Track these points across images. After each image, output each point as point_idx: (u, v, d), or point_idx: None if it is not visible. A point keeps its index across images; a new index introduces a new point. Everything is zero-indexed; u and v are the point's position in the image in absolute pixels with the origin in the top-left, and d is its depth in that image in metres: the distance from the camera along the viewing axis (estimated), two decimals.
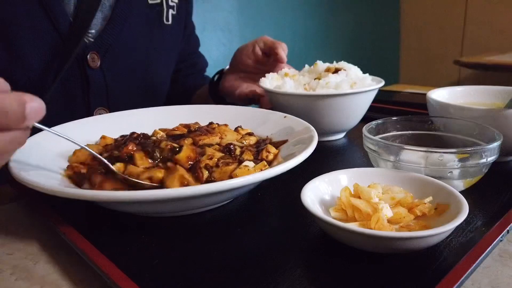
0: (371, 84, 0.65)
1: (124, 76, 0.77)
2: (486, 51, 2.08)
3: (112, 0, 0.72)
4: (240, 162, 0.45)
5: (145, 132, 0.57)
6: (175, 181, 0.41)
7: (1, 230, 0.44)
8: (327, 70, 0.68)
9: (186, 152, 0.44)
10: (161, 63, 0.84)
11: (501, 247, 0.38)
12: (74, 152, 0.49)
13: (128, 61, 0.77)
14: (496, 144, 0.44)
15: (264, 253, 0.37)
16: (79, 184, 0.43)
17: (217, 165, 0.44)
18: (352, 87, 0.63)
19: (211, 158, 0.45)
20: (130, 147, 0.45)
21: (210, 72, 0.95)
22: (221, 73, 0.87)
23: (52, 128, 0.53)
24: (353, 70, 0.68)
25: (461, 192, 0.44)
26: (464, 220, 0.33)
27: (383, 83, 0.66)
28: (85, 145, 0.51)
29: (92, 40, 0.71)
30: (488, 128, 0.48)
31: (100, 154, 0.47)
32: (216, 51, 1.62)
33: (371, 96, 0.66)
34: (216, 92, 0.86)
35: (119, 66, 0.75)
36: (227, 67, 0.86)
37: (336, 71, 0.67)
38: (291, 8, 1.98)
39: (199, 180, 0.42)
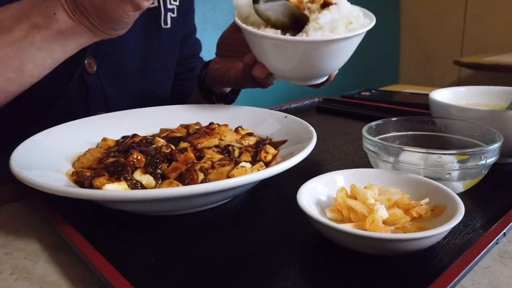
0: (364, 24, 0.55)
1: (121, 81, 0.77)
2: (486, 51, 2.08)
3: None
4: (237, 163, 0.45)
5: (145, 132, 0.57)
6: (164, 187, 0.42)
7: (1, 230, 0.44)
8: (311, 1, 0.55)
9: (173, 166, 0.45)
10: (159, 67, 0.83)
11: (501, 247, 0.38)
12: (78, 158, 0.49)
13: (124, 65, 0.76)
14: (496, 146, 0.44)
15: (260, 252, 0.37)
16: (81, 184, 0.43)
17: (212, 167, 0.44)
18: (348, 27, 0.53)
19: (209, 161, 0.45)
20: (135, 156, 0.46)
21: None
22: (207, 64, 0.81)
23: (52, 128, 0.54)
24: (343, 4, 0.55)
25: (461, 193, 0.45)
26: (462, 222, 0.33)
27: (374, 22, 0.56)
28: (87, 150, 0.51)
29: None
30: (489, 129, 0.48)
31: (103, 158, 0.47)
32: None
33: (361, 37, 0.56)
34: (205, 85, 0.79)
35: (115, 71, 0.75)
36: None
37: (326, 4, 0.54)
38: None
39: (194, 183, 0.42)
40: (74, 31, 0.50)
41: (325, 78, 0.62)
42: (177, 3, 0.81)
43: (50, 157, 0.47)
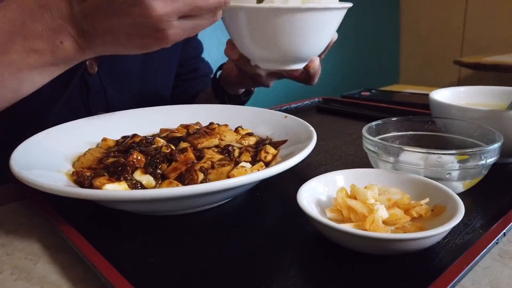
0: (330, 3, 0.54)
1: (122, 81, 0.77)
2: (486, 51, 2.08)
3: None
4: (237, 163, 0.45)
5: (145, 132, 0.57)
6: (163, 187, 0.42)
7: (1, 230, 0.44)
8: None
9: (173, 166, 0.44)
10: (160, 68, 0.83)
11: (501, 247, 0.38)
12: (78, 158, 0.49)
13: (125, 66, 0.76)
14: (496, 146, 0.44)
15: (260, 252, 0.37)
16: (81, 184, 0.43)
17: (212, 167, 0.44)
18: (303, 3, 0.53)
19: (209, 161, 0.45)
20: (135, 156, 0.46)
21: None
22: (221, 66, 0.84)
23: (52, 128, 0.54)
24: None
25: (461, 193, 0.45)
26: (462, 222, 0.33)
27: (348, 5, 0.55)
28: (87, 150, 0.51)
29: None
30: (489, 129, 0.48)
31: (103, 158, 0.47)
32: (216, 51, 1.62)
33: (329, 18, 0.55)
34: (219, 86, 0.81)
35: (116, 72, 0.75)
36: None
37: None
38: None
39: (193, 183, 0.42)
40: (81, 56, 0.48)
41: (300, 65, 0.61)
42: None
43: (50, 157, 0.47)
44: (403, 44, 2.63)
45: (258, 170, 0.44)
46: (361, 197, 0.38)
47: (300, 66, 0.61)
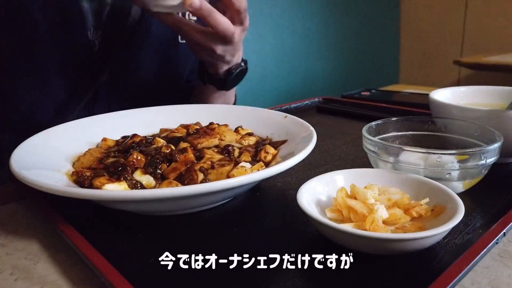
0: None
1: (130, 93, 0.77)
2: (486, 51, 2.08)
3: (132, 26, 0.72)
4: (237, 163, 0.45)
5: (145, 132, 0.57)
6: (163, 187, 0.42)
7: (1, 230, 0.44)
8: None
9: (172, 166, 0.44)
10: (170, 79, 0.83)
11: (501, 247, 0.38)
12: (78, 158, 0.49)
13: (136, 77, 0.77)
14: (496, 146, 0.44)
15: (260, 252, 0.37)
16: (81, 184, 0.43)
17: (212, 167, 0.44)
18: None
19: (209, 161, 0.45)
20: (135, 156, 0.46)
21: None
22: None
23: (52, 128, 0.54)
24: None
25: (461, 193, 0.45)
26: (462, 222, 0.33)
27: None
28: (87, 150, 0.51)
29: None
30: (489, 129, 0.48)
31: (103, 158, 0.47)
32: None
33: None
34: (201, 67, 0.80)
35: (126, 82, 0.76)
36: None
37: None
38: (291, 8, 1.98)
39: (193, 183, 0.42)
40: None
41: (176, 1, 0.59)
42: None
43: (50, 157, 0.47)
44: (403, 44, 2.63)
45: (258, 170, 0.44)
46: (361, 197, 0.38)
47: (175, 1, 0.59)
